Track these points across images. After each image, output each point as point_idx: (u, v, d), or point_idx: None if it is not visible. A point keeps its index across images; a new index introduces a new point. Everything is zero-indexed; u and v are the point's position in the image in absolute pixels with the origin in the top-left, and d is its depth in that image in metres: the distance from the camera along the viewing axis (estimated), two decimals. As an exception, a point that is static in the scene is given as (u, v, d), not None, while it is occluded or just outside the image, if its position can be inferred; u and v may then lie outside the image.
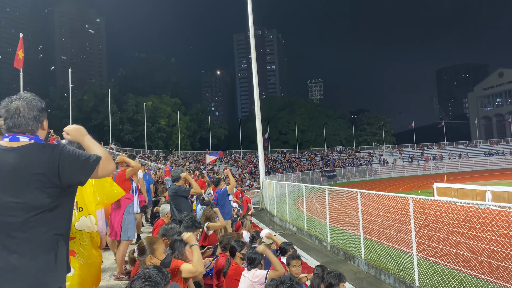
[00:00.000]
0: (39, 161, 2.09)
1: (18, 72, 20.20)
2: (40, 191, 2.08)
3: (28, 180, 2.06)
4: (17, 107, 2.20)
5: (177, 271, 2.97)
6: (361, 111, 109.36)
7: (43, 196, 2.08)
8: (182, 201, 6.27)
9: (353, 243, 10.33)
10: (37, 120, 2.25)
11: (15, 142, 2.16)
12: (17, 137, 2.17)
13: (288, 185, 18.66)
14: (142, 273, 2.32)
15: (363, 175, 52.23)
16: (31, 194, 2.06)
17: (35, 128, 2.24)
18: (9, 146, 2.14)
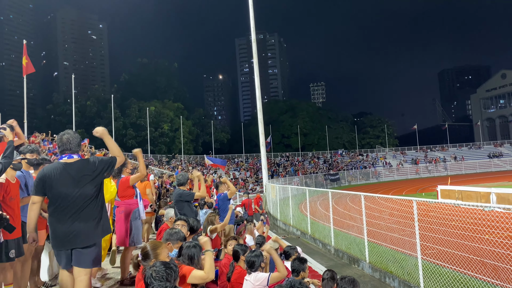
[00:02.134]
0: (86, 168, 3.77)
1: (22, 79, 20.37)
2: (90, 185, 3.75)
3: (83, 179, 3.72)
4: (67, 138, 3.90)
5: (183, 277, 2.96)
6: (363, 114, 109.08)
7: (91, 188, 3.76)
8: (185, 206, 6.28)
9: (357, 246, 10.30)
10: (78, 145, 3.96)
11: (71, 159, 3.84)
12: (72, 156, 3.87)
13: (292, 189, 18.64)
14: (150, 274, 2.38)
15: (367, 178, 52.11)
16: (85, 187, 3.72)
17: (78, 150, 3.96)
18: (68, 161, 3.81)
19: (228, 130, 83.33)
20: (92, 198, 3.74)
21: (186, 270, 2.92)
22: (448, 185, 24.33)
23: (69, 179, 3.69)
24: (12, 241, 4.37)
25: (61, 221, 3.70)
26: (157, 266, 2.47)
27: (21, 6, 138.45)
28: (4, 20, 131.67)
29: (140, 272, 3.13)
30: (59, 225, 3.70)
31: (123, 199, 5.78)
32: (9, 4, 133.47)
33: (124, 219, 5.63)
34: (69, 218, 3.66)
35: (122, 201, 5.78)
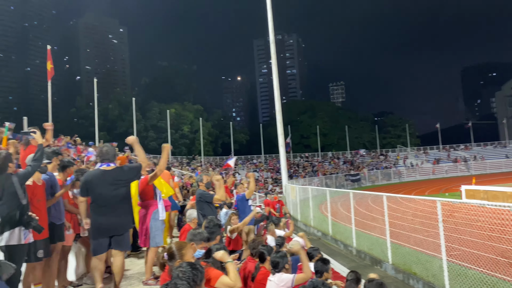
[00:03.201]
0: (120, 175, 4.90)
1: (46, 83, 20.91)
2: (123, 187, 4.91)
3: (117, 184, 4.84)
4: (106, 150, 5.05)
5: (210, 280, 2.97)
6: (384, 113, 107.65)
7: (124, 190, 4.92)
8: (206, 206, 6.32)
9: (380, 247, 10.16)
10: (114, 156, 5.10)
11: (108, 167, 4.92)
12: (109, 164, 4.95)
13: (312, 190, 18.54)
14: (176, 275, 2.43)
15: (388, 178, 51.35)
16: (120, 189, 4.86)
17: (114, 159, 5.07)
18: (106, 169, 4.90)
19: (247, 131, 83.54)
20: (124, 197, 4.94)
21: (215, 274, 2.94)
22: (472, 185, 23.76)
23: (106, 183, 4.81)
24: (40, 241, 4.49)
25: (101, 216, 4.80)
26: (184, 267, 2.50)
27: (45, 12, 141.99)
28: (28, 27, 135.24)
29: (165, 272, 3.16)
30: (100, 219, 4.80)
31: (143, 199, 5.85)
32: (34, 11, 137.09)
33: (145, 219, 5.69)
34: (107, 214, 4.78)
35: (142, 202, 5.85)
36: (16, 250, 4.05)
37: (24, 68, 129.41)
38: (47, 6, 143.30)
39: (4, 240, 4.04)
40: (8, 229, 4.05)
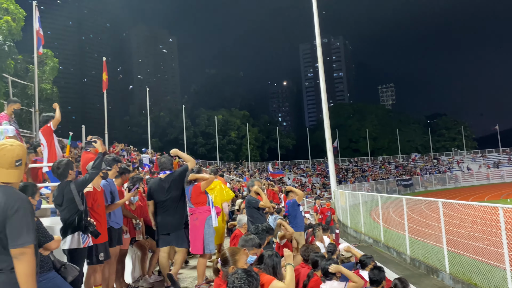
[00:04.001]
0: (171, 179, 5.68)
1: (102, 93, 22.03)
2: (175, 191, 5.69)
3: (171, 188, 5.65)
4: (164, 161, 5.94)
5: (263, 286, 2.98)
6: (437, 115, 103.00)
7: (179, 192, 5.74)
8: (255, 212, 6.35)
9: (436, 255, 9.74)
10: (171, 164, 5.94)
11: (164, 174, 5.77)
12: (165, 172, 5.80)
13: (362, 195, 18.13)
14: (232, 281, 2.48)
15: (443, 183, 49.07)
16: (173, 193, 5.66)
17: (172, 168, 5.94)
18: (162, 176, 5.77)
19: (293, 136, 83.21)
20: (177, 199, 5.72)
21: (267, 280, 2.95)
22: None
23: (162, 188, 5.70)
24: (101, 245, 4.73)
25: (160, 215, 5.72)
26: (239, 274, 2.53)
27: (100, 25, 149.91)
28: (85, 40, 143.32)
29: (219, 277, 3.22)
30: (160, 218, 5.73)
31: (197, 205, 5.96)
32: (89, 24, 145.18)
33: (199, 226, 5.81)
34: (164, 214, 5.68)
35: (196, 208, 5.96)
36: (76, 253, 4.30)
37: (82, 79, 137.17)
38: (101, 20, 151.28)
39: (67, 244, 4.30)
40: (69, 233, 4.31)
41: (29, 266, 2.33)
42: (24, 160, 2.54)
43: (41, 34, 14.03)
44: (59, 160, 4.56)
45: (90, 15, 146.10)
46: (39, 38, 13.79)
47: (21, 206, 2.37)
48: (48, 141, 6.42)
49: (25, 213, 2.38)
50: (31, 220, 2.41)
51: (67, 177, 4.43)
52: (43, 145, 6.44)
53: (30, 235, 2.36)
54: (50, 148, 6.39)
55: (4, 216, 2.34)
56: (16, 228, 2.34)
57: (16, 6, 20.70)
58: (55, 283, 3.50)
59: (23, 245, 2.32)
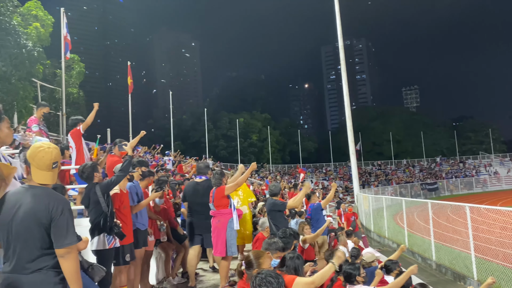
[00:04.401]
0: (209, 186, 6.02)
1: (126, 97, 22.47)
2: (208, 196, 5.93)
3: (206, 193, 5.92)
4: (201, 166, 6.52)
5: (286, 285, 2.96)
6: (463, 118, 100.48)
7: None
8: (278, 216, 6.29)
9: (463, 262, 9.50)
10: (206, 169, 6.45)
11: (200, 179, 6.30)
12: (201, 177, 6.31)
13: (385, 199, 17.85)
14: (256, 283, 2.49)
15: (470, 188, 47.78)
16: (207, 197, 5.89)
17: (206, 172, 6.41)
18: (198, 181, 6.27)
19: (315, 139, 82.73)
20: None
21: (289, 279, 2.93)
22: None
23: (197, 192, 6.17)
24: (127, 246, 4.81)
25: (194, 217, 6.19)
26: (264, 273, 2.53)
27: (124, 31, 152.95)
28: (110, 44, 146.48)
29: (243, 280, 3.22)
30: (193, 219, 6.20)
31: (219, 208, 5.99)
32: (114, 29, 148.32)
33: (221, 229, 5.84)
34: (198, 215, 6.13)
35: (218, 211, 5.99)
36: (103, 254, 4.39)
37: (107, 83, 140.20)
38: (126, 25, 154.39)
39: (94, 245, 4.40)
40: (96, 234, 4.42)
41: (75, 263, 2.49)
42: (59, 162, 2.65)
43: (69, 40, 14.44)
44: (84, 164, 4.68)
45: (115, 20, 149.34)
46: (66, 43, 14.19)
47: (65, 208, 2.49)
48: (77, 144, 6.58)
49: (69, 215, 2.51)
50: (72, 221, 2.55)
51: (93, 180, 4.54)
52: (71, 148, 6.61)
53: (74, 235, 2.53)
54: (78, 150, 6.55)
55: (50, 217, 2.44)
56: (62, 229, 2.45)
57: (45, 12, 21.35)
58: (83, 283, 3.58)
59: (69, 244, 2.44)
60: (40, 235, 2.43)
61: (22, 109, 16.14)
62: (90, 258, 4.17)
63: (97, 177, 4.58)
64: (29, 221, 2.43)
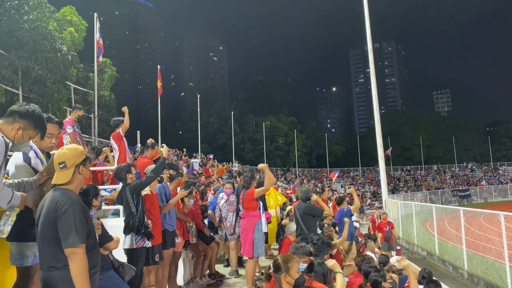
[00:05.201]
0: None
1: (156, 100, 22.88)
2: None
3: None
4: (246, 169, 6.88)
5: None
6: (498, 123, 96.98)
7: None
8: (312, 221, 6.22)
9: (497, 272, 9.16)
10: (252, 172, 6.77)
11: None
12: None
13: (415, 205, 17.44)
14: None
15: (504, 195, 46.04)
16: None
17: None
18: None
19: (343, 142, 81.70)
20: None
21: (319, 286, 2.91)
22: None
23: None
24: (157, 246, 4.90)
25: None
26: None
27: (154, 35, 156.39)
28: (140, 48, 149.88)
29: (271, 283, 3.22)
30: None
31: (248, 210, 6.05)
32: (144, 34, 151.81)
33: (249, 230, 5.88)
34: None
35: (247, 213, 6.05)
36: (132, 253, 4.49)
37: (137, 87, 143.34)
38: (156, 29, 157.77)
39: (127, 244, 4.51)
40: (127, 234, 4.53)
41: (80, 265, 2.42)
42: (71, 163, 2.64)
43: (101, 44, 14.85)
44: (120, 165, 4.81)
45: (145, 25, 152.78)
46: (99, 47, 14.60)
47: (69, 207, 2.48)
48: (119, 145, 6.78)
49: (74, 214, 2.48)
50: (80, 221, 2.50)
51: (127, 180, 4.66)
52: (114, 149, 6.85)
53: (78, 236, 2.45)
54: (120, 152, 6.75)
55: (55, 217, 2.49)
56: (65, 229, 2.45)
57: (79, 18, 22.02)
58: (113, 282, 3.67)
59: (71, 245, 2.42)
60: (52, 235, 2.49)
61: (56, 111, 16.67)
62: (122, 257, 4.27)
63: (130, 178, 4.69)
64: (44, 221, 2.52)
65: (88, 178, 2.90)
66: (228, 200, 7.23)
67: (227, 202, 7.24)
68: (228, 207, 7.17)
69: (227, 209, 7.20)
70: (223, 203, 7.31)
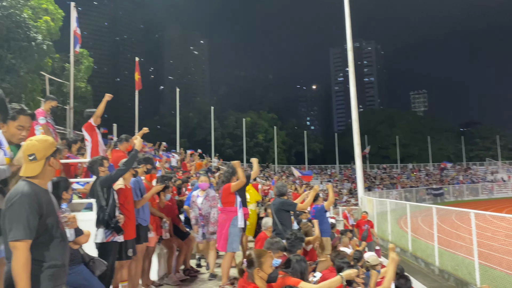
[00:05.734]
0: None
1: (133, 93, 22.53)
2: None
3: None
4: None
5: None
6: (471, 124, 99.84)
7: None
8: (286, 216, 6.24)
9: (466, 268, 9.43)
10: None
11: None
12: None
13: (390, 203, 17.77)
14: None
15: (475, 194, 47.45)
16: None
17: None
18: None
19: (321, 140, 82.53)
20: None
21: (294, 282, 2.91)
22: None
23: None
24: (130, 241, 4.83)
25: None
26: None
27: (134, 27, 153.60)
28: (119, 40, 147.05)
29: (244, 278, 3.21)
30: None
31: (225, 205, 6.04)
32: (124, 26, 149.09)
33: (225, 225, 5.87)
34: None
35: (224, 208, 6.04)
36: (102, 248, 4.38)
37: (115, 79, 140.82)
38: (136, 21, 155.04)
39: (98, 238, 4.42)
40: (98, 228, 4.44)
41: (18, 260, 2.33)
42: (41, 155, 2.54)
43: (78, 34, 14.49)
44: (92, 158, 4.72)
45: (125, 16, 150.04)
46: (76, 37, 14.24)
47: (17, 201, 2.39)
48: (92, 137, 6.60)
49: (20, 208, 2.37)
50: (27, 215, 2.38)
51: (99, 174, 4.56)
52: (87, 141, 6.65)
53: (21, 230, 2.34)
54: (93, 144, 6.58)
55: (4, 209, 2.42)
56: (9, 221, 2.37)
57: (55, 6, 21.47)
58: (83, 277, 3.59)
59: (12, 238, 2.33)
60: (5, 227, 2.41)
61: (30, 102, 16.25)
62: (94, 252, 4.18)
63: (102, 171, 4.60)
64: (1, 213, 2.46)
65: (58, 170, 2.81)
66: (207, 196, 6.77)
67: (206, 199, 6.73)
68: (210, 203, 6.72)
69: (208, 205, 6.67)
70: (202, 200, 6.73)
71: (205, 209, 6.69)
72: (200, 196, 6.82)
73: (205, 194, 6.80)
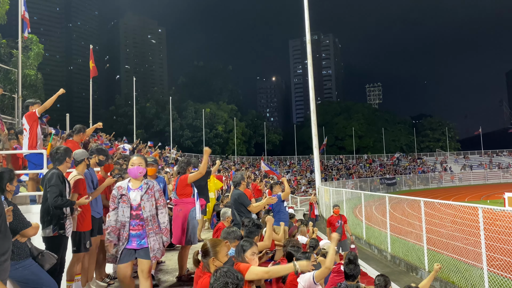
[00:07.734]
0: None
1: (88, 82, 21.70)
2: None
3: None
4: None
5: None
6: (423, 116, 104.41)
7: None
8: (242, 207, 6.25)
9: (416, 254, 9.90)
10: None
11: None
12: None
13: (346, 192, 18.28)
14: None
15: (426, 183, 49.86)
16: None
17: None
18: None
19: (281, 131, 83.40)
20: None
21: (243, 267, 2.92)
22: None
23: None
24: (88, 232, 4.70)
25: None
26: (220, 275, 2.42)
27: (88, 13, 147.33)
28: (72, 27, 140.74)
29: (199, 268, 3.19)
30: None
31: (181, 197, 5.90)
32: (77, 11, 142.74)
33: (182, 217, 5.76)
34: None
35: (180, 199, 5.90)
36: (49, 241, 4.13)
37: (68, 67, 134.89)
38: (90, 7, 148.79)
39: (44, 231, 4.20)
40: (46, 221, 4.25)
41: None
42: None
43: (27, 18, 13.72)
44: (59, 146, 4.53)
45: (79, 2, 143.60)
46: (24, 22, 13.48)
47: None
48: (31, 126, 6.29)
49: None
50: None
51: (62, 164, 4.36)
52: (26, 130, 6.31)
53: None
54: (31, 133, 6.26)
55: None
56: None
57: (1, -12, 20.15)
58: (31, 271, 3.44)
59: None
60: None
61: (-26, 90, 15.23)
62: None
63: (67, 162, 4.41)
64: None
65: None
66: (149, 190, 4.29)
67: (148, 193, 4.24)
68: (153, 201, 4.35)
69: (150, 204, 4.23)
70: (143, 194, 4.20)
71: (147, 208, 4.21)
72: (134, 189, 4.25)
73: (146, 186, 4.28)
